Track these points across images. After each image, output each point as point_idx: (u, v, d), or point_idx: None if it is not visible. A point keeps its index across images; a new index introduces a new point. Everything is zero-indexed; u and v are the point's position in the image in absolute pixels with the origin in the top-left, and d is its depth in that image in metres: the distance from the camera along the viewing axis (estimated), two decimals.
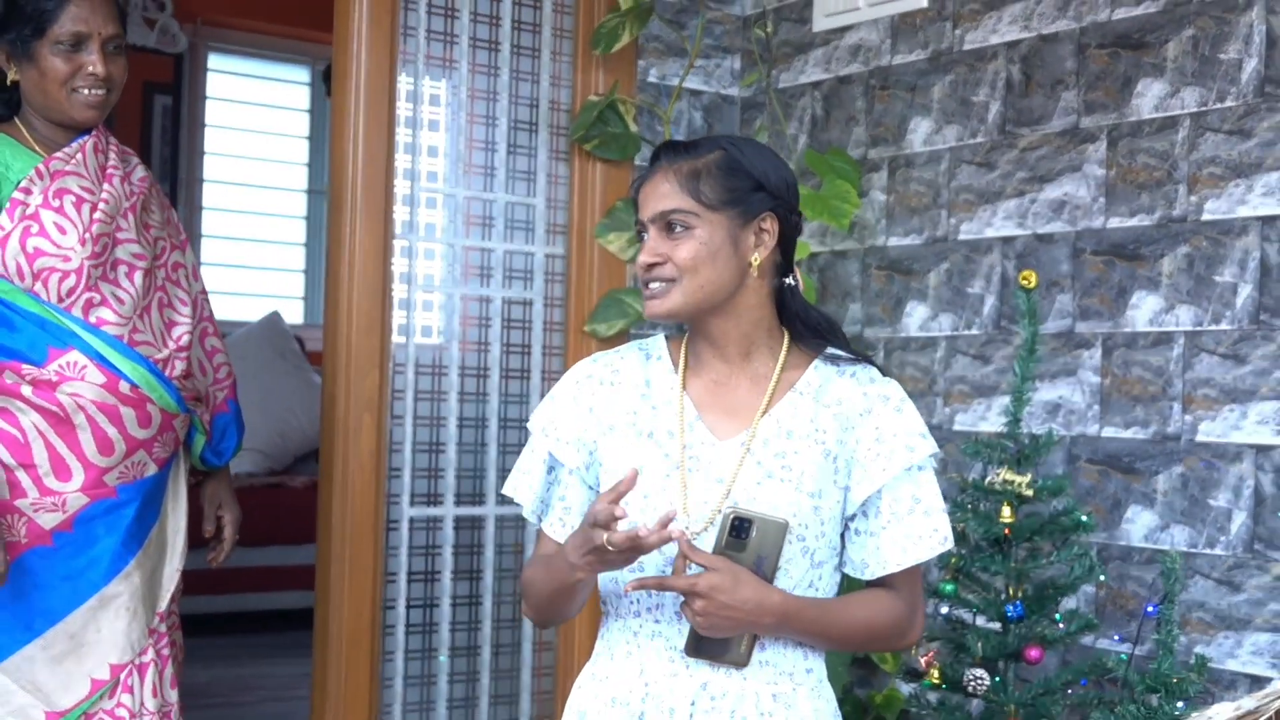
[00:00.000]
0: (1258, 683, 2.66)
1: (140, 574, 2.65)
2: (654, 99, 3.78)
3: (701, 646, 1.85)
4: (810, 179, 3.57)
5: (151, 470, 2.67)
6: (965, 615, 2.86)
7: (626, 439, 1.94)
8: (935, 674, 2.80)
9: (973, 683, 2.72)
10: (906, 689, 3.23)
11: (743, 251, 1.90)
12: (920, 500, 1.91)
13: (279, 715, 4.77)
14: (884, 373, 1.99)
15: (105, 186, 2.63)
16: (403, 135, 3.50)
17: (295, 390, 6.30)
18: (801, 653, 1.90)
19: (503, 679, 3.62)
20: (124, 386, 2.57)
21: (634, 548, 1.73)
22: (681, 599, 1.81)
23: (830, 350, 1.98)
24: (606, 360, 2.02)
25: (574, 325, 3.66)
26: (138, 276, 2.65)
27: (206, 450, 2.88)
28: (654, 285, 1.89)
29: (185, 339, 2.73)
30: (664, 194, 1.89)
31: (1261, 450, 2.75)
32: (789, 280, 1.96)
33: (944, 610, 2.85)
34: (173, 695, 2.71)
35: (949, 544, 1.93)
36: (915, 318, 3.44)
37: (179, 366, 2.69)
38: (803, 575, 1.87)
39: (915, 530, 1.90)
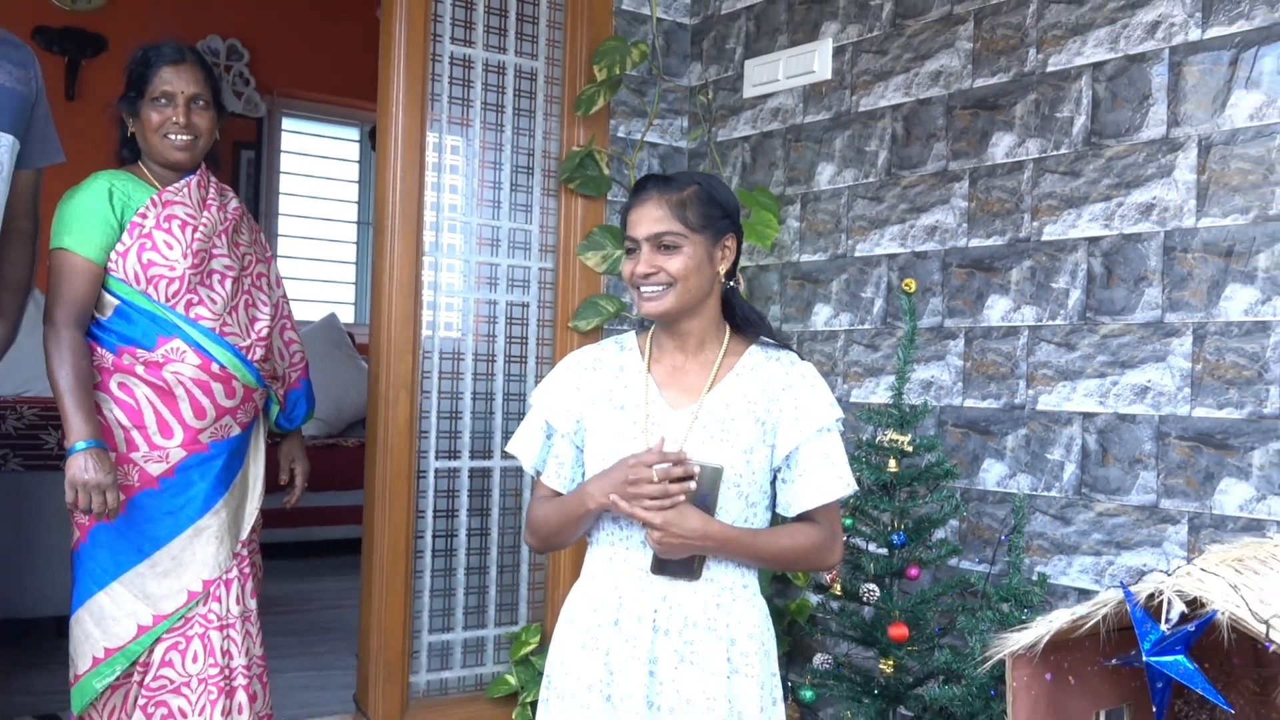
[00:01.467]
0: (1084, 594, 2.60)
1: (227, 510, 2.58)
2: (622, 149, 3.69)
3: (662, 566, 1.82)
4: (741, 211, 3.49)
5: (236, 431, 2.60)
6: (860, 543, 2.79)
7: (605, 410, 1.90)
8: (837, 587, 2.74)
9: (866, 594, 2.67)
10: (815, 599, 3.17)
11: (714, 264, 1.87)
12: (829, 455, 1.89)
13: (334, 619, 4.67)
14: (802, 357, 1.96)
15: (205, 214, 2.58)
16: (430, 177, 3.42)
17: (348, 373, 6.18)
18: (739, 571, 1.88)
19: (506, 591, 3.55)
20: (215, 367, 2.52)
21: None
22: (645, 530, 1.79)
23: (762, 339, 1.95)
24: (590, 351, 1.99)
25: (560, 322, 3.58)
26: (228, 283, 2.59)
27: (280, 417, 2.83)
28: (650, 290, 1.85)
29: (264, 331, 2.66)
30: (657, 218, 1.84)
31: (1087, 417, 2.68)
32: (731, 283, 1.94)
33: (844, 538, 2.79)
34: (252, 603, 2.65)
35: (852, 489, 1.91)
36: (821, 316, 3.36)
37: (259, 352, 2.62)
38: (740, 512, 1.85)
39: (826, 478, 1.88)
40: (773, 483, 1.91)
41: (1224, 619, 1.80)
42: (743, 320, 1.95)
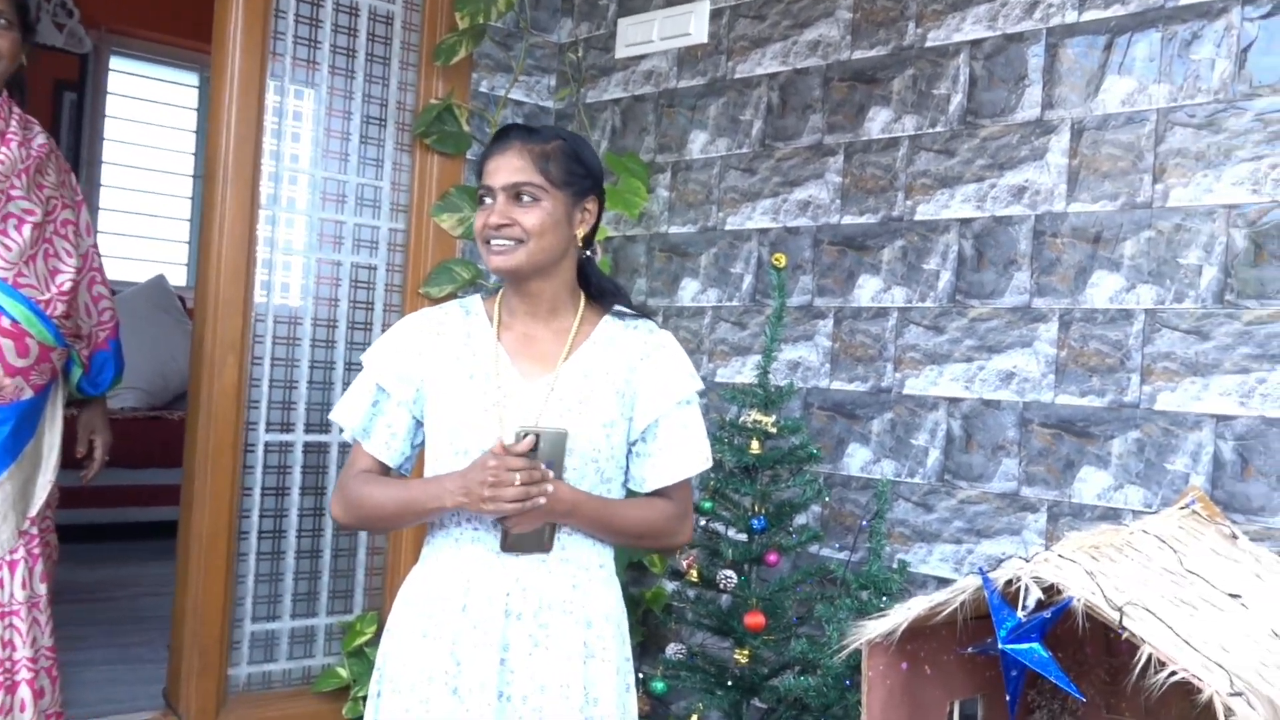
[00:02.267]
0: (944, 583, 2.66)
1: (12, 484, 2.42)
2: (484, 105, 3.63)
3: (512, 540, 1.78)
4: (609, 177, 3.47)
5: (28, 394, 2.44)
6: (720, 527, 2.81)
7: (452, 380, 1.85)
8: (694, 574, 2.75)
9: (724, 581, 2.69)
10: (671, 587, 3.18)
11: (572, 225, 1.85)
12: (688, 428, 1.89)
13: (152, 607, 4.49)
14: (660, 326, 1.96)
15: (2, 149, 2.40)
16: (270, 121, 3.29)
17: (176, 340, 5.94)
18: (596, 550, 1.86)
19: (340, 578, 3.46)
20: (6, 322, 2.36)
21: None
22: None
23: (618, 308, 1.94)
24: (433, 314, 1.93)
25: (410, 288, 3.50)
26: (26, 229, 2.43)
27: (83, 381, 2.67)
28: (500, 243, 1.81)
29: (67, 285, 2.51)
30: (518, 168, 1.80)
31: (952, 401, 2.75)
32: (588, 252, 1.91)
33: (703, 523, 2.80)
34: (42, 588, 2.49)
35: (709, 463, 1.91)
36: (689, 291, 3.37)
37: (59, 308, 2.47)
38: (593, 487, 1.83)
39: (684, 452, 1.88)
40: (627, 455, 1.90)
41: (1079, 606, 1.85)
42: (599, 290, 1.93)
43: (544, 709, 1.76)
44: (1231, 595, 1.98)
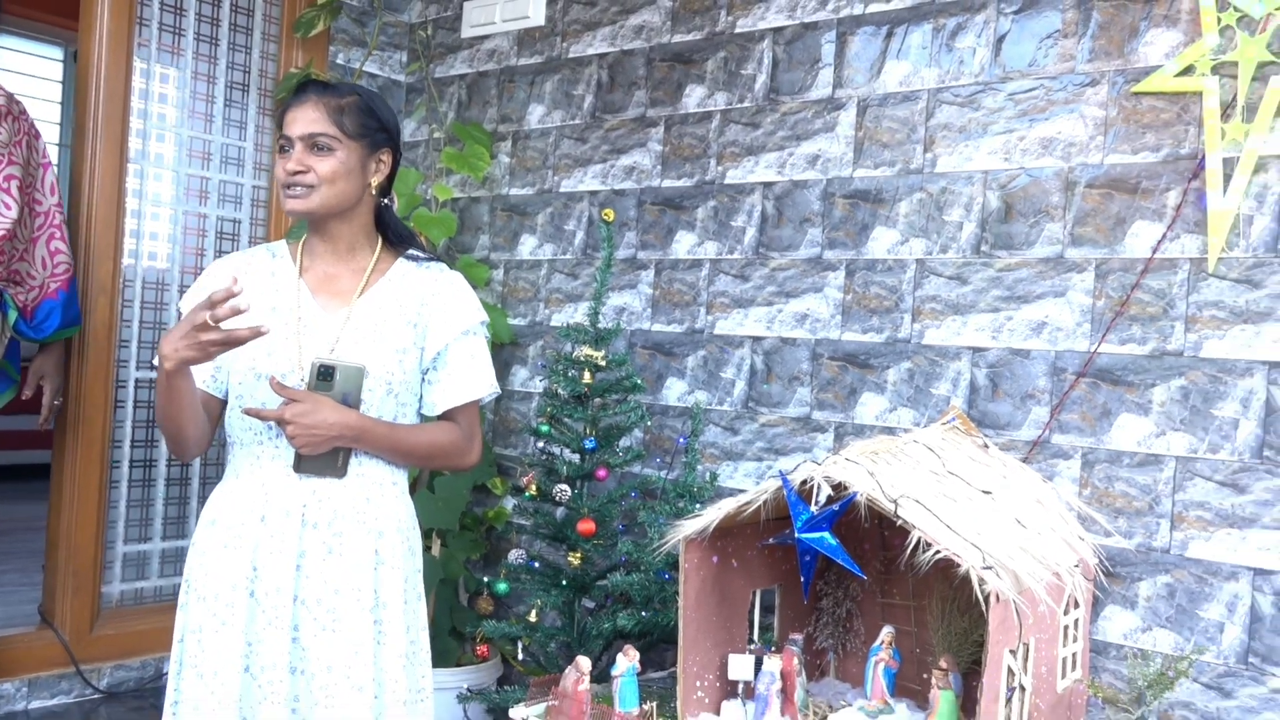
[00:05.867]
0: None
1: None
2: (341, 77, 3.46)
3: (305, 464, 1.71)
4: (456, 144, 3.37)
5: None
6: (556, 449, 2.77)
7: (256, 313, 1.75)
8: (534, 489, 2.71)
9: (559, 495, 2.65)
10: (511, 504, 3.14)
11: (365, 174, 1.78)
12: (474, 357, 1.84)
13: (25, 540, 4.22)
14: (451, 266, 1.91)
15: None
16: (138, 84, 3.06)
17: None
18: (389, 469, 1.79)
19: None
20: None
21: (227, 338, 1.55)
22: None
23: (412, 252, 1.88)
24: (239, 256, 1.84)
25: (274, 239, 3.32)
26: None
27: (21, 324, 2.49)
28: (296, 189, 1.72)
29: (1, 232, 2.37)
30: (314, 119, 1.73)
31: (756, 340, 2.78)
32: (386, 200, 1.85)
33: (540, 445, 2.76)
34: None
35: (493, 391, 1.86)
36: (527, 246, 3.30)
37: None
38: (391, 411, 1.78)
39: (469, 377, 1.83)
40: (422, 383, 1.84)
41: (862, 499, 1.90)
42: (395, 236, 1.86)
43: (337, 610, 1.70)
44: (984, 491, 2.07)
